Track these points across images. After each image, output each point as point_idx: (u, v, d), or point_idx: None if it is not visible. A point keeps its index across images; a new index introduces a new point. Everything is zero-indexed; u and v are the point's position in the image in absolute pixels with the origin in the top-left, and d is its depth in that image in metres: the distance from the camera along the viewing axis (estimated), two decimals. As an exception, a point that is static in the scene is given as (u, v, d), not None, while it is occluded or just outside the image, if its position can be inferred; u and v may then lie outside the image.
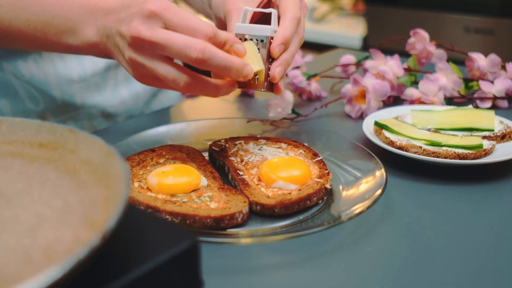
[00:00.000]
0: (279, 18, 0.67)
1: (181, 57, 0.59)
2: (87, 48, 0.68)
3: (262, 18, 0.71)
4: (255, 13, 0.70)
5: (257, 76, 0.66)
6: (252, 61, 0.63)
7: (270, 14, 0.67)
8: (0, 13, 0.70)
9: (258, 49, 0.66)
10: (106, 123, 0.96)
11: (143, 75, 0.63)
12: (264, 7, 0.71)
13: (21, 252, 0.33)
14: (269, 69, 0.66)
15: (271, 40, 0.65)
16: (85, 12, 0.67)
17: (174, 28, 0.59)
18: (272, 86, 0.67)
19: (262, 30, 0.65)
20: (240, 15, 0.68)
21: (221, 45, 0.60)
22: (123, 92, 0.97)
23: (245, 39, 0.66)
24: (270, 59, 0.66)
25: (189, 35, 0.59)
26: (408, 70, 0.98)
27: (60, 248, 0.34)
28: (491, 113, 0.79)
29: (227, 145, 0.73)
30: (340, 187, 0.65)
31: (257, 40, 0.66)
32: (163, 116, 0.95)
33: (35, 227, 0.36)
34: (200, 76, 0.62)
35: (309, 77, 0.97)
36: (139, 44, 0.60)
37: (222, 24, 0.74)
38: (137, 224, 0.40)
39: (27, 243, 0.34)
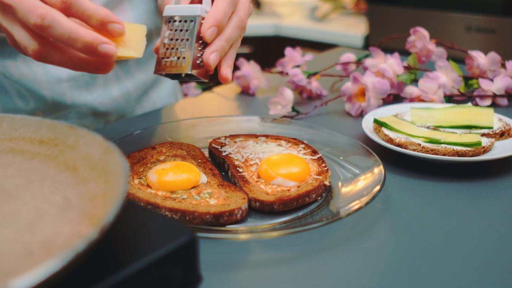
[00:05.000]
0: None
1: (24, 22, 0.54)
2: None
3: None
4: None
5: (184, 59, 0.61)
6: (129, 45, 0.57)
7: None
8: None
9: (187, 30, 0.61)
10: (97, 122, 0.95)
11: (11, 40, 0.59)
12: None
13: (21, 246, 0.34)
14: (201, 53, 0.61)
15: (202, 22, 0.61)
16: None
17: None
18: (207, 73, 0.63)
19: (191, 9, 0.61)
20: None
21: (83, 18, 0.55)
22: (113, 90, 0.96)
23: (169, 21, 0.62)
24: (201, 41, 0.61)
25: (46, 1, 0.54)
26: (408, 68, 0.99)
27: (59, 242, 0.34)
28: (490, 110, 0.79)
29: (227, 143, 0.74)
30: (339, 183, 0.66)
31: (186, 21, 0.62)
32: (161, 115, 0.95)
33: (34, 221, 0.36)
34: (52, 44, 0.56)
35: (309, 76, 0.97)
36: (1, 6, 0.56)
37: None
38: (136, 220, 0.40)
39: (27, 238, 0.34)
